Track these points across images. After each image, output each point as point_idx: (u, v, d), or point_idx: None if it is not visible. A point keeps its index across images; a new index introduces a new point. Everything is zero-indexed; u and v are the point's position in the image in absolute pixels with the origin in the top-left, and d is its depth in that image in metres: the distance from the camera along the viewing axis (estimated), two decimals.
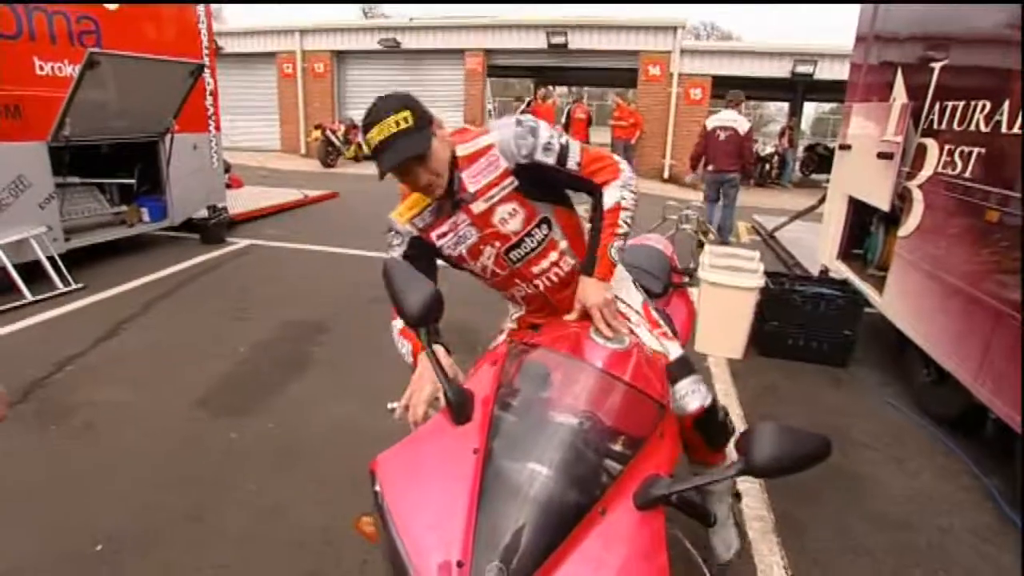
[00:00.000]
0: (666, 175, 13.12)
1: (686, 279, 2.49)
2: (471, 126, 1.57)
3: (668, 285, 2.26)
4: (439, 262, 1.65)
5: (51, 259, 4.68)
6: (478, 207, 1.52)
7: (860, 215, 4.56)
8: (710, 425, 1.67)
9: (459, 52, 13.91)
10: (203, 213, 6.49)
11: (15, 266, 4.44)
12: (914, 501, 2.60)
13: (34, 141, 4.60)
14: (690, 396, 1.57)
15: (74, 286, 4.71)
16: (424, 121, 1.38)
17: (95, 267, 5.23)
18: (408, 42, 14.23)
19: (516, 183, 1.50)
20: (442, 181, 1.45)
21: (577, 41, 13.08)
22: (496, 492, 0.94)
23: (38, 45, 4.59)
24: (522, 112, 14.45)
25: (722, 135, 6.69)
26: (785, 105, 19.85)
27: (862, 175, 4.29)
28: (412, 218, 1.58)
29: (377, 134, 1.34)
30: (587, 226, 1.64)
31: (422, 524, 0.92)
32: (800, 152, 16.13)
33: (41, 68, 4.61)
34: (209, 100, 6.36)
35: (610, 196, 1.54)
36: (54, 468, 2.58)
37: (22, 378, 3.27)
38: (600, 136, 17.19)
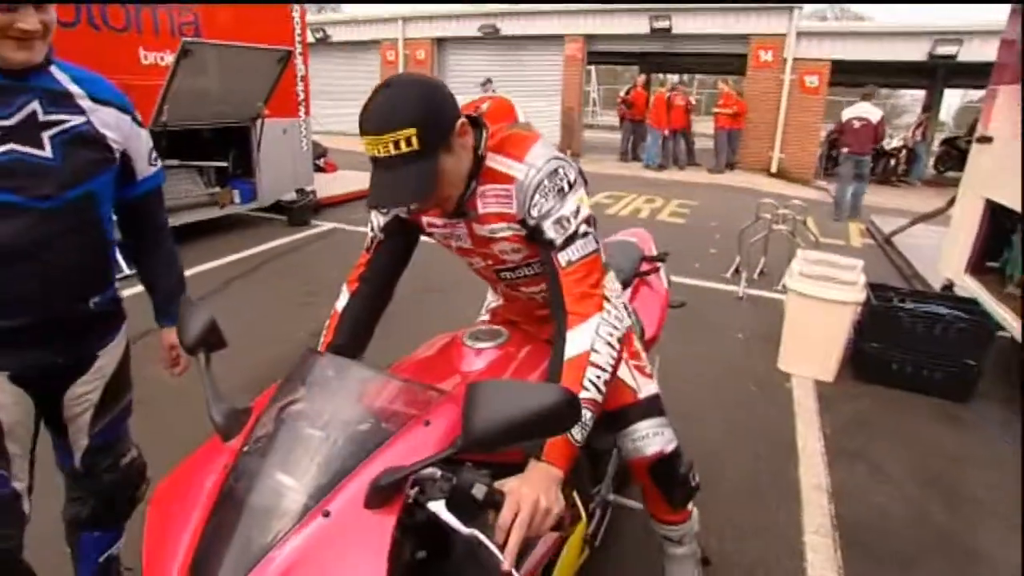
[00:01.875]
0: (773, 169, 12.12)
1: (659, 265, 2.24)
2: (526, 130, 1.30)
3: (632, 276, 2.09)
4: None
5: None
6: (480, 230, 1.28)
7: (999, 222, 3.85)
8: (669, 477, 1.51)
9: (559, 38, 13.59)
10: (291, 196, 6.74)
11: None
12: None
13: None
14: (650, 439, 1.45)
15: None
16: (434, 141, 1.06)
17: (187, 245, 5.54)
18: (507, 28, 14.12)
19: (524, 232, 1.23)
20: (453, 198, 1.19)
21: (681, 25, 12.32)
22: (229, 505, 0.92)
23: (144, 37, 4.89)
24: (622, 98, 14.01)
25: (857, 124, 7.90)
26: (922, 94, 17.65)
27: (1006, 173, 3.59)
28: None
29: (371, 147, 1.06)
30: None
31: (160, 544, 0.91)
32: (936, 146, 14.31)
33: (145, 58, 4.91)
34: (300, 86, 6.57)
35: (576, 342, 1.11)
36: None
37: None
38: (702, 126, 16.25)
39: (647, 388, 1.49)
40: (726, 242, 5.57)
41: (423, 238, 1.45)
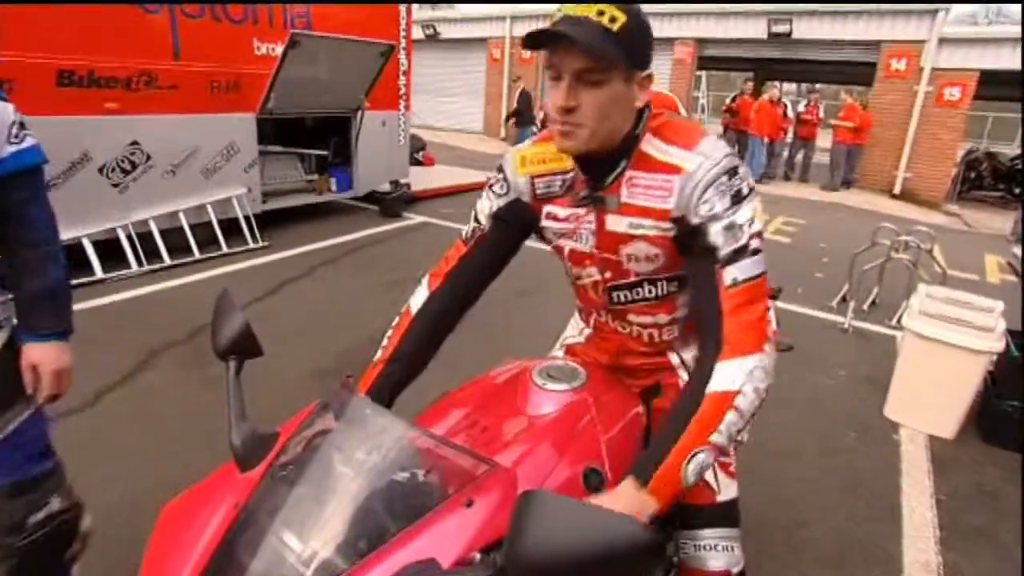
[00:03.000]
0: (897, 190, 10.99)
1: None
2: (694, 122, 1.15)
3: None
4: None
5: (247, 218, 5.26)
6: (614, 224, 1.09)
7: None
8: None
9: (669, 41, 13.09)
10: (385, 187, 6.90)
11: (218, 221, 5.09)
12: None
13: (246, 113, 5.19)
14: (714, 552, 1.21)
15: (261, 244, 5.25)
16: (632, 44, 0.94)
17: (283, 228, 5.79)
18: None
19: (675, 232, 1.05)
20: (589, 130, 0.98)
21: (803, 29, 11.45)
22: (231, 560, 0.80)
23: (259, 28, 5.14)
24: (727, 106, 13.28)
25: None
26: None
27: None
28: (537, 175, 1.16)
29: (570, 7, 0.94)
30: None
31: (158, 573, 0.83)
32: None
33: (258, 48, 5.15)
34: (402, 80, 6.69)
35: (726, 377, 0.96)
36: (184, 405, 2.81)
37: (193, 322, 3.67)
38: (822, 140, 15.08)
39: (728, 491, 1.25)
40: (835, 267, 5.05)
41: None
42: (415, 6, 6.53)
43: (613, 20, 0.92)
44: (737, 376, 0.95)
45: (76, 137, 4.20)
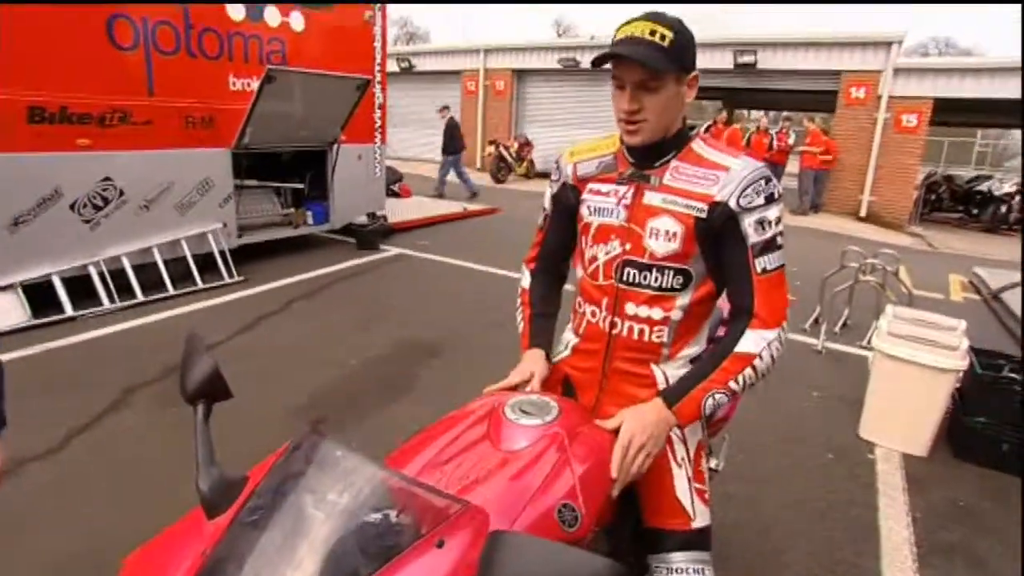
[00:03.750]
0: (863, 213, 11.35)
1: None
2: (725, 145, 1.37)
3: (708, 342, 1.80)
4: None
5: (222, 253, 5.22)
6: (650, 198, 1.27)
7: None
8: None
9: None
10: (362, 219, 6.91)
11: (193, 256, 5.04)
12: None
13: (221, 148, 5.19)
14: (686, 575, 1.24)
15: (236, 278, 5.20)
16: (679, 56, 1.16)
17: (259, 262, 5.75)
18: (587, 61, 14.16)
19: (705, 215, 1.22)
20: (652, 125, 1.22)
21: (768, 60, 11.91)
22: None
23: (234, 64, 5.17)
24: (703, 132, 13.60)
25: None
26: None
27: None
28: (579, 161, 1.40)
29: (627, 29, 1.16)
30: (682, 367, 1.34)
31: None
32: None
33: (233, 84, 5.18)
34: (377, 113, 6.76)
35: (751, 342, 1.22)
36: (157, 448, 2.74)
37: (167, 359, 3.61)
38: (789, 165, 15.53)
39: (702, 518, 1.29)
40: (807, 290, 5.16)
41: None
42: (390, 39, 6.64)
43: (663, 38, 1.13)
44: (760, 343, 1.21)
45: (47, 174, 4.15)
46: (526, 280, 1.55)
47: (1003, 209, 11.87)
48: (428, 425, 1.25)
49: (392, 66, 15.84)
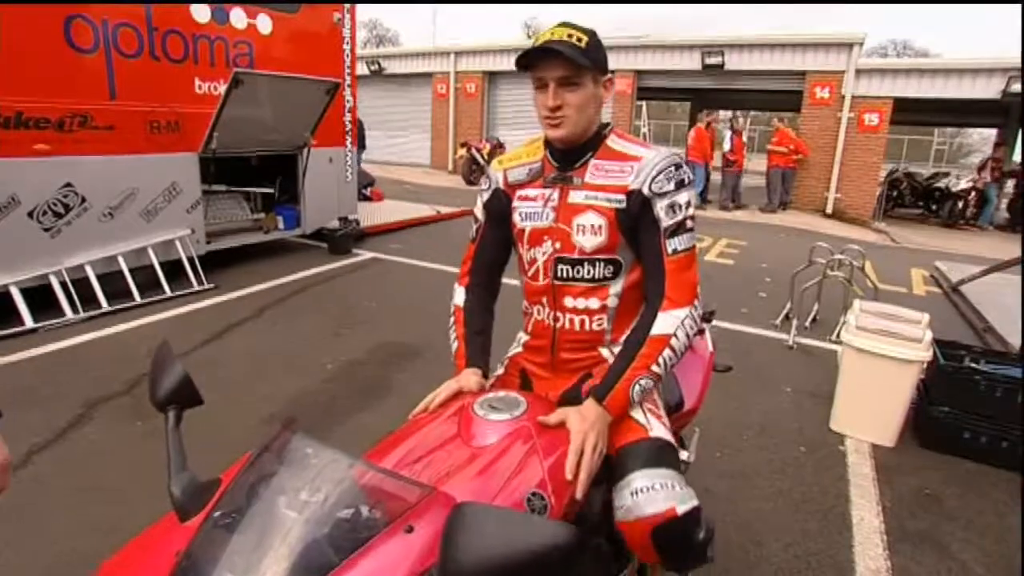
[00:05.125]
0: (829, 210, 11.63)
1: (703, 324, 2.01)
2: (640, 139, 1.48)
3: None
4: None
5: (191, 259, 5.10)
6: (574, 197, 1.36)
7: None
8: (681, 544, 1.18)
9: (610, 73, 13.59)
10: (334, 224, 6.83)
11: (160, 264, 4.91)
12: None
13: (187, 152, 5.07)
14: (650, 493, 1.16)
15: (206, 286, 5.09)
16: (595, 57, 1.27)
17: (229, 269, 5.63)
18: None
19: (624, 205, 1.31)
20: (573, 120, 1.29)
21: (735, 61, 12.13)
22: None
23: (200, 68, 5.06)
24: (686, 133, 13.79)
25: None
26: (993, 132, 16.78)
27: None
28: (508, 168, 1.48)
29: (546, 36, 1.27)
30: (610, 351, 1.40)
31: None
32: (1009, 188, 13.45)
33: (200, 87, 5.07)
34: (347, 116, 6.69)
35: (664, 323, 1.27)
36: (123, 463, 2.64)
37: (134, 371, 3.51)
38: (757, 163, 15.86)
39: (658, 430, 1.27)
40: (777, 286, 5.27)
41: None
42: (359, 41, 6.58)
43: (580, 40, 1.24)
44: (673, 322, 1.27)
45: (2, 181, 4.00)
46: (459, 297, 1.55)
47: (960, 205, 12.27)
48: (398, 427, 1.25)
49: (361, 69, 15.70)
